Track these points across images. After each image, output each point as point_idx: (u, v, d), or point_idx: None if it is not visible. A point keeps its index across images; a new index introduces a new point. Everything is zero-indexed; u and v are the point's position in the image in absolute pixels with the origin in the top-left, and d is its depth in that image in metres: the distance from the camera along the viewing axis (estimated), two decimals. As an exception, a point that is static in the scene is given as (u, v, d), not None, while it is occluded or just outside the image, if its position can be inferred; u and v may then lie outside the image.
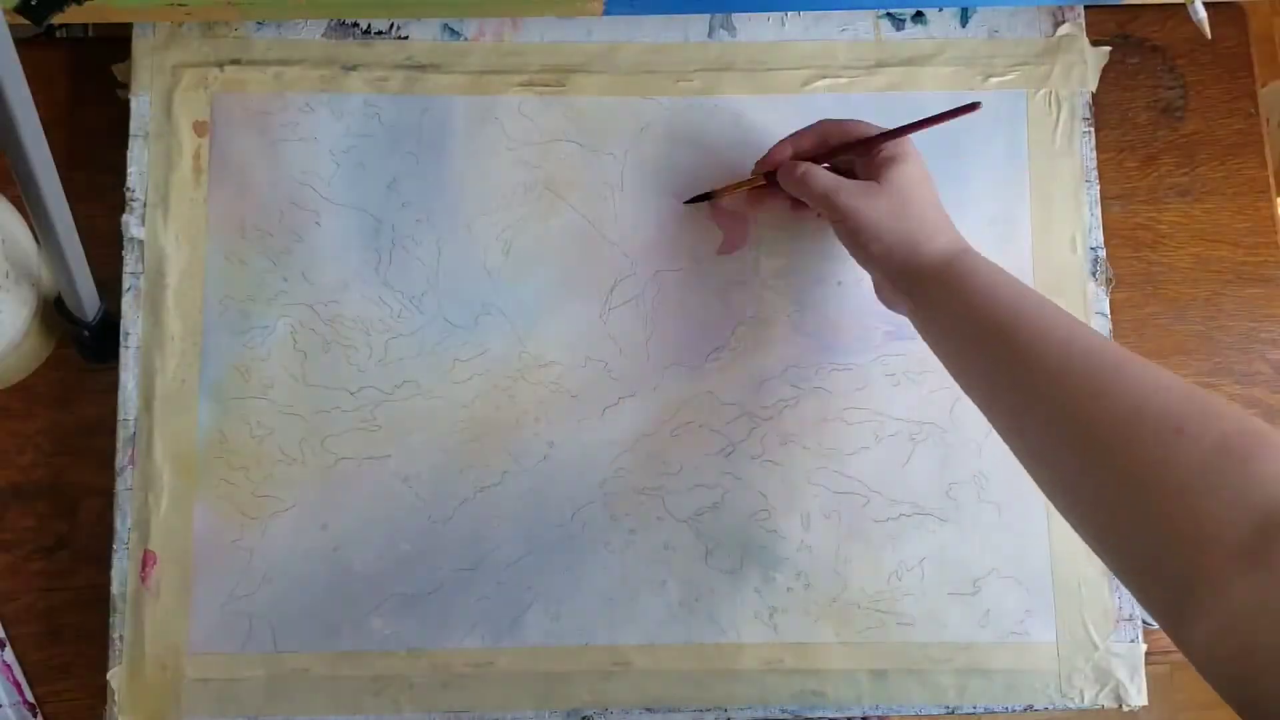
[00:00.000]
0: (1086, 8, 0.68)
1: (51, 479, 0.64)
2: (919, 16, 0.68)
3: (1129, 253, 0.69)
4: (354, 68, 0.66)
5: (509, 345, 0.64)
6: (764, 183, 0.62)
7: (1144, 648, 0.62)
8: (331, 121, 0.65)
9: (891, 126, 0.58)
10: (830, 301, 0.65)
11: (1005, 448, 0.64)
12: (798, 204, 0.62)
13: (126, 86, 0.65)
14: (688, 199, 0.65)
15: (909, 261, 0.55)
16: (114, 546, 0.61)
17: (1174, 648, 0.65)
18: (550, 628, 0.62)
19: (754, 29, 0.67)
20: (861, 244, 0.57)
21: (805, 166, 0.59)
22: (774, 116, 0.66)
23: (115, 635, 0.61)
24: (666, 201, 0.66)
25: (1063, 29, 0.68)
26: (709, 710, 0.61)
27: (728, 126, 0.66)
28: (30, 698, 0.62)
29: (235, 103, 0.65)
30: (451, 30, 0.67)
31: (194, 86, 0.65)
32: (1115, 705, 0.62)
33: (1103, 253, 0.66)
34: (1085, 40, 0.68)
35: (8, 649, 0.62)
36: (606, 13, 0.65)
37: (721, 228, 0.66)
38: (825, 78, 0.67)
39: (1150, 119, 0.70)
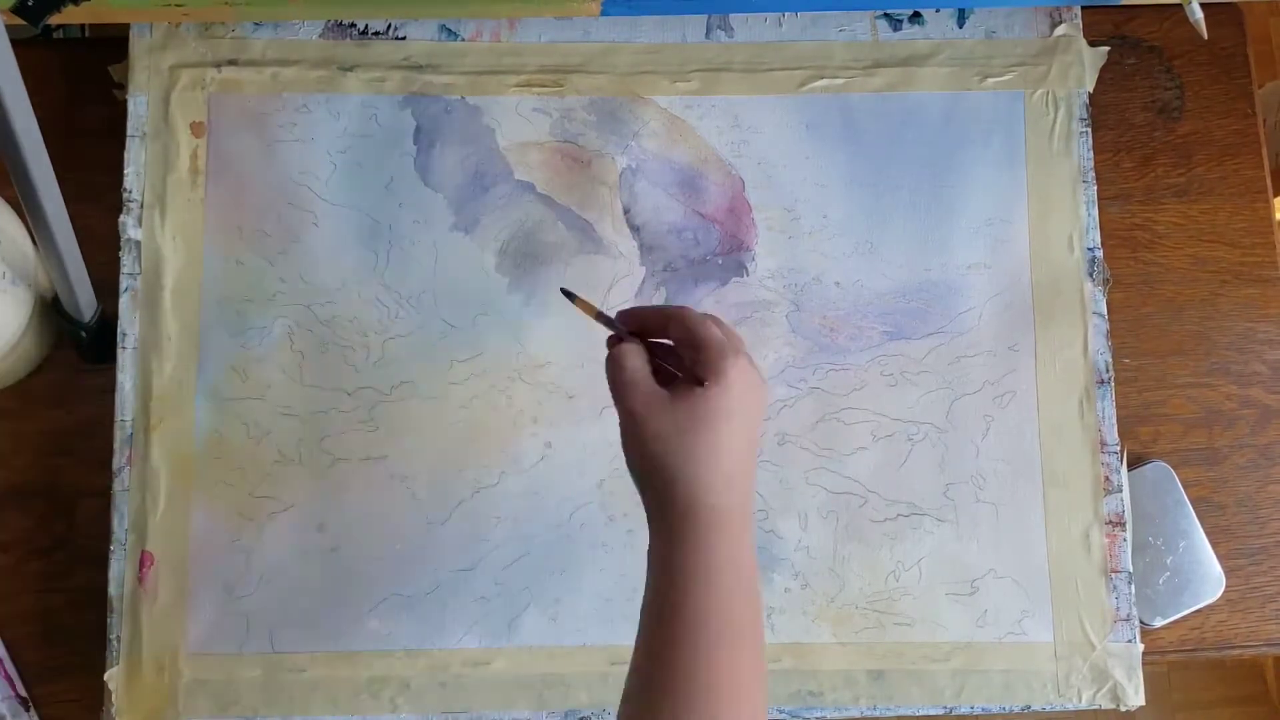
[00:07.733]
0: (1083, 8, 0.68)
1: (49, 480, 0.64)
2: (916, 17, 0.68)
3: (1126, 253, 0.69)
4: (351, 68, 0.66)
5: (506, 346, 0.64)
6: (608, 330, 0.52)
7: (1141, 648, 0.62)
8: (329, 122, 0.65)
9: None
10: (829, 302, 0.65)
11: (1003, 448, 0.64)
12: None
13: (123, 87, 0.65)
14: (564, 289, 0.53)
15: (666, 490, 0.48)
16: (111, 547, 0.61)
17: (1171, 648, 0.65)
18: (548, 628, 0.62)
19: (751, 29, 0.67)
20: (628, 449, 0.49)
21: (620, 349, 0.50)
22: (772, 116, 0.66)
23: (113, 636, 0.61)
24: (665, 201, 0.66)
25: (1060, 29, 0.68)
26: (707, 710, 0.61)
27: (725, 127, 0.66)
28: (22, 691, 0.62)
29: (232, 103, 0.65)
30: (449, 31, 0.67)
31: (191, 87, 0.65)
32: (1113, 705, 0.62)
33: (1100, 253, 0.66)
34: (1082, 41, 0.68)
35: None
36: (604, 13, 0.65)
37: (721, 228, 0.66)
38: (822, 78, 0.67)
39: (1147, 119, 0.70)
